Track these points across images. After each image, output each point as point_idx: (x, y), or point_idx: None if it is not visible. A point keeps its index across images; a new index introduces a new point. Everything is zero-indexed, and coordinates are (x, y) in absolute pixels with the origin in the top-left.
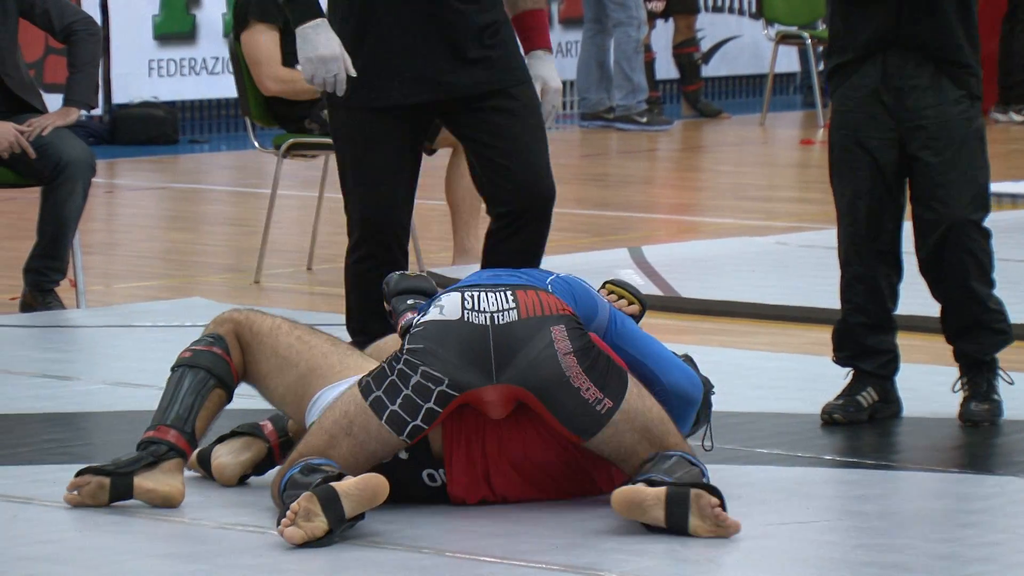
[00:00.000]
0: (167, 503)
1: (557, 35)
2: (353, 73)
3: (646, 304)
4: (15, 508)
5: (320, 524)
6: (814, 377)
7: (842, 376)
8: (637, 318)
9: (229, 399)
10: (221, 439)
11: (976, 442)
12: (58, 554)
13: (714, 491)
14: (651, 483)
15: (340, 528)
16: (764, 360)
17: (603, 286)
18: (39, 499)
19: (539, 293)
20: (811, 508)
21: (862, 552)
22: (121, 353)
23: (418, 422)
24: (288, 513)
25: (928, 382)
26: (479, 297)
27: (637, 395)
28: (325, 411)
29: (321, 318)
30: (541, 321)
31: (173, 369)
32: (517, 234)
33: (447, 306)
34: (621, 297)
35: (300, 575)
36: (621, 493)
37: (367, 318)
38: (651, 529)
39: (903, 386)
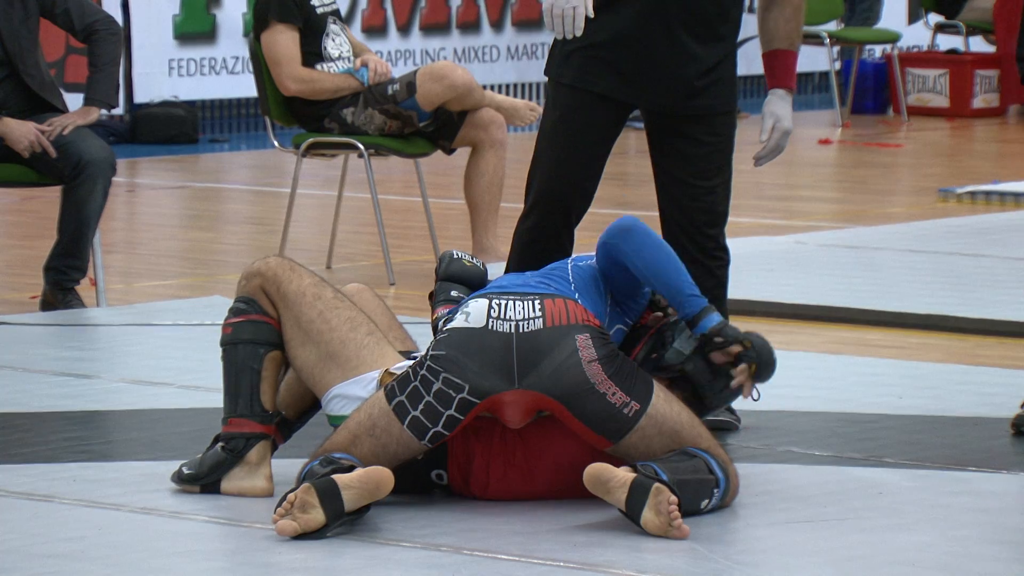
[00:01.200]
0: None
1: None
2: (591, 14)
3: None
4: (35, 506)
5: (316, 516)
6: (832, 376)
7: (858, 374)
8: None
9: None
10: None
11: (992, 440)
12: (78, 552)
13: (675, 492)
14: (634, 469)
15: (338, 521)
16: (782, 359)
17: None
18: (59, 497)
19: (567, 302)
20: (828, 506)
21: (879, 550)
22: (141, 351)
23: (439, 428)
24: (284, 504)
25: (945, 380)
26: (506, 305)
27: (664, 399)
28: (352, 413)
29: None
30: (566, 329)
31: (222, 348)
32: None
33: (473, 313)
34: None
35: (316, 572)
36: (593, 467)
37: None
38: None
39: (919, 385)
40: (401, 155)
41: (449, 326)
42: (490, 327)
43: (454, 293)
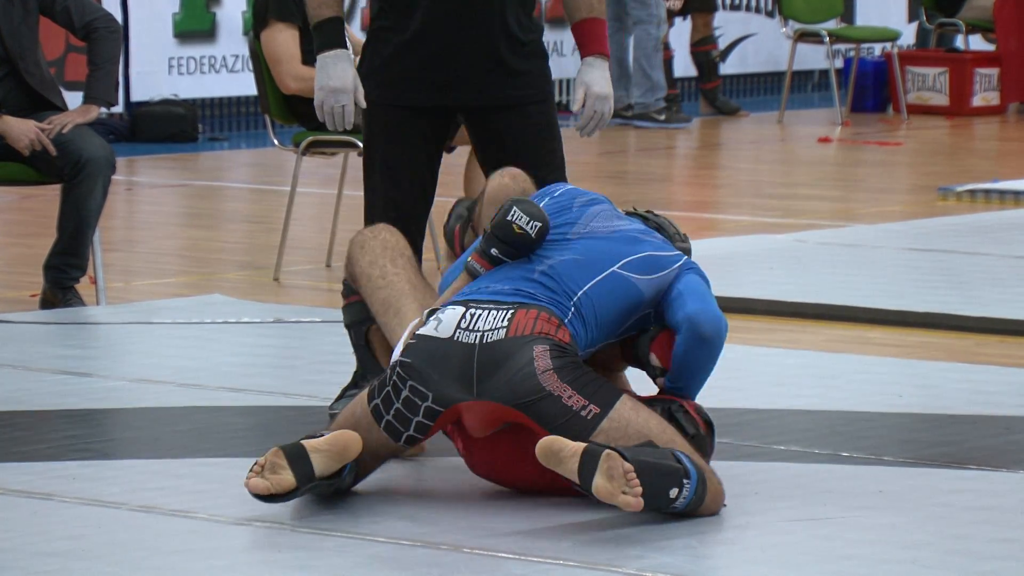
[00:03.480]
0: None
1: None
2: (363, 105)
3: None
4: (35, 504)
5: (287, 477)
6: (831, 374)
7: (858, 372)
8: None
9: None
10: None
11: (992, 439)
12: (78, 550)
13: (628, 460)
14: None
15: (309, 484)
16: (782, 357)
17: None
18: (59, 495)
19: (539, 313)
20: (828, 505)
21: (879, 548)
22: (141, 350)
23: (411, 432)
24: (255, 466)
25: (945, 379)
26: (478, 316)
27: (632, 407)
28: (350, 403)
29: (339, 315)
30: (525, 340)
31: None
32: None
33: (444, 322)
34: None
35: (317, 571)
36: (544, 441)
37: None
38: (671, 516)
39: (919, 383)
40: None
41: (419, 332)
42: (456, 338)
43: (494, 251)
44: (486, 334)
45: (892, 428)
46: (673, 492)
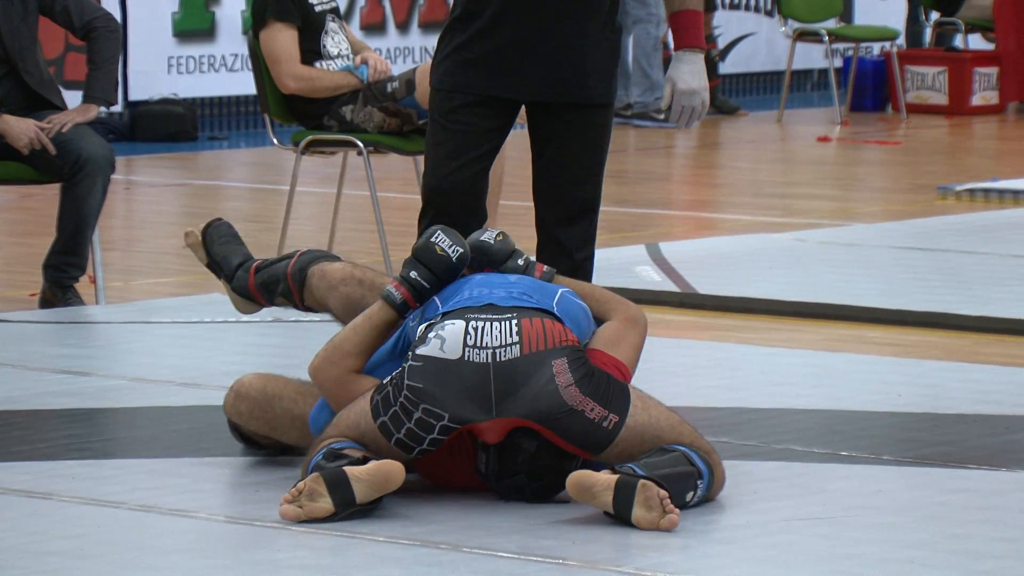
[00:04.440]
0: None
1: None
2: None
3: None
4: (34, 503)
5: (324, 505)
6: (831, 373)
7: (857, 372)
8: None
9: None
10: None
11: (991, 438)
12: (77, 549)
13: (662, 486)
14: (614, 471)
15: (347, 511)
16: (781, 356)
17: None
18: (58, 494)
19: (544, 322)
20: (827, 503)
21: (878, 547)
22: (140, 349)
23: (424, 447)
24: (292, 491)
25: (944, 378)
26: (483, 330)
27: (642, 408)
28: (341, 413)
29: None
30: (543, 356)
31: None
32: (549, 240)
33: (448, 340)
34: None
35: (316, 571)
36: (574, 477)
37: None
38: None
39: (918, 382)
40: (400, 153)
41: (423, 352)
42: (466, 357)
43: (413, 275)
44: (498, 351)
45: (891, 427)
46: (689, 495)
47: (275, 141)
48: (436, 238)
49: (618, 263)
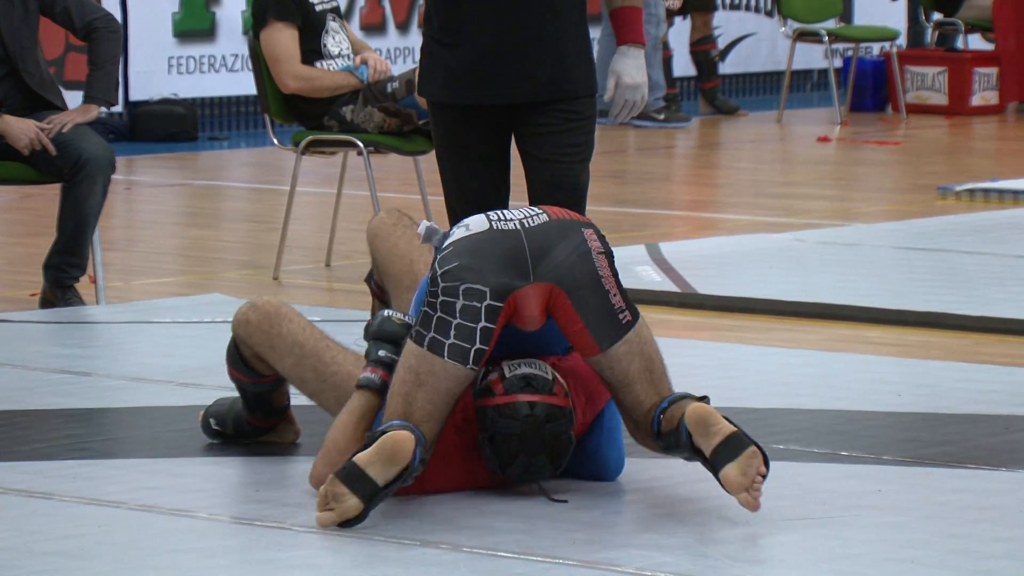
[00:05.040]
0: None
1: None
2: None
3: None
4: (35, 504)
5: (352, 503)
6: (831, 373)
7: (857, 372)
8: None
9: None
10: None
11: (991, 438)
12: (78, 550)
13: (767, 462)
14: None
15: (377, 499)
16: (781, 356)
17: None
18: (58, 494)
19: (565, 210)
20: (827, 504)
21: (878, 548)
22: (140, 349)
23: (478, 345)
24: (318, 502)
25: (944, 378)
26: (505, 212)
27: (647, 327)
28: (393, 378)
29: (339, 314)
30: (572, 223)
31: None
32: None
33: (472, 223)
34: None
35: (317, 570)
36: (702, 407)
37: None
38: (671, 516)
39: (918, 383)
40: (400, 153)
41: (451, 240)
42: (495, 227)
43: (382, 353)
44: (525, 220)
45: (891, 427)
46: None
47: (275, 141)
48: (388, 312)
49: (618, 263)
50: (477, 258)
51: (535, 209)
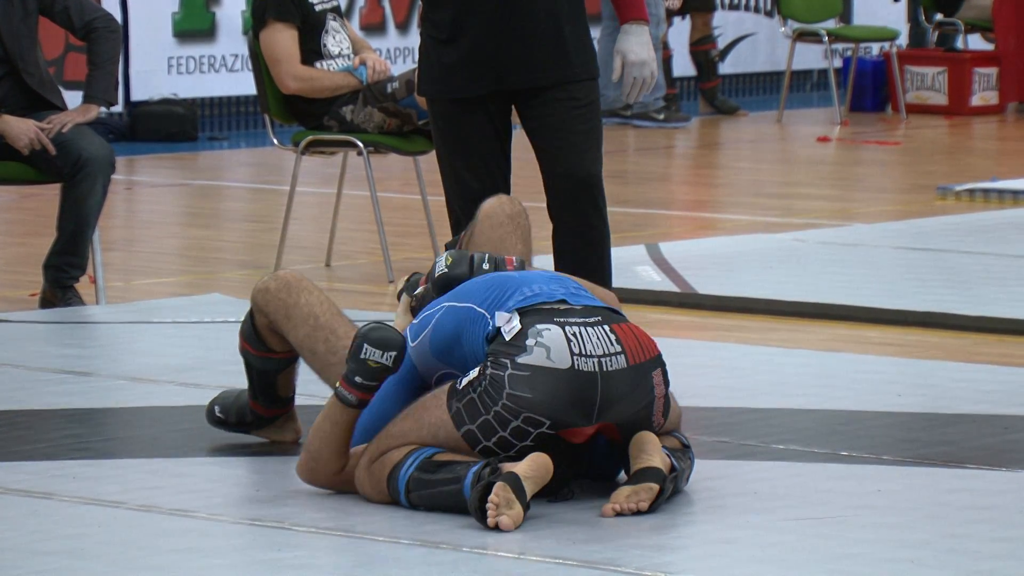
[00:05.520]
0: None
1: None
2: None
3: None
4: (35, 504)
5: (519, 509)
6: (830, 373)
7: (857, 372)
8: None
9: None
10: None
11: (990, 438)
12: (78, 549)
13: (657, 500)
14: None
15: (527, 510)
16: (781, 356)
17: None
18: (59, 494)
19: (632, 328)
20: (827, 504)
21: (877, 547)
22: (140, 349)
23: (510, 453)
24: (490, 506)
25: (944, 378)
26: (583, 336)
27: (673, 406)
28: (404, 420)
29: None
30: (646, 367)
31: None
32: (559, 223)
33: (554, 349)
34: None
35: (316, 570)
36: (647, 435)
37: None
38: (671, 516)
39: (917, 382)
40: (400, 153)
41: (528, 362)
42: (576, 366)
43: (359, 379)
44: (603, 361)
45: (891, 427)
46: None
47: (275, 141)
48: (365, 353)
49: (618, 263)
50: (551, 397)
51: (613, 341)
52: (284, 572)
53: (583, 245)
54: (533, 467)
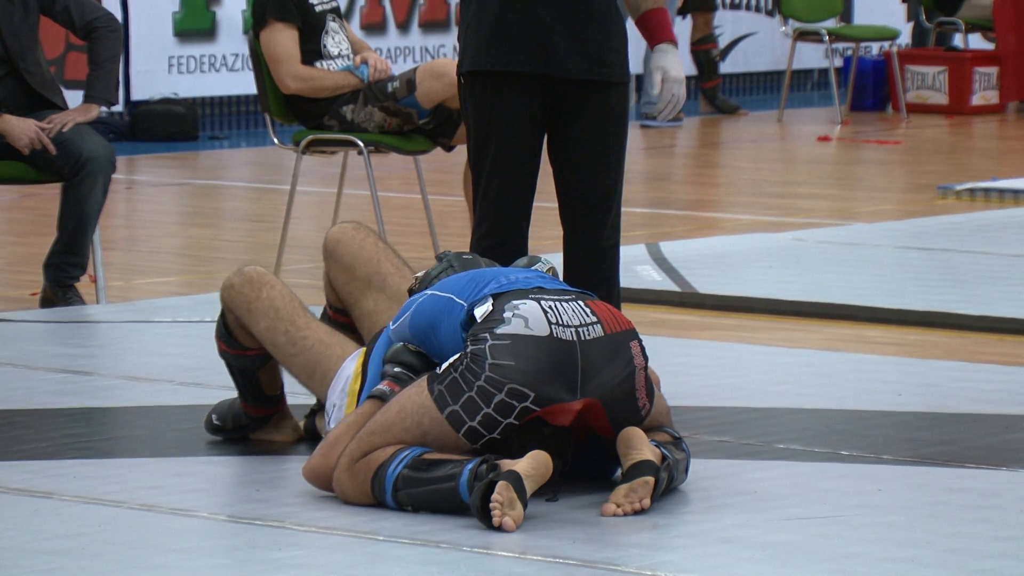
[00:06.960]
0: None
1: None
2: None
3: None
4: (36, 503)
5: (520, 509)
6: (831, 373)
7: (857, 371)
8: None
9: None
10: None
11: (991, 437)
12: (79, 549)
13: (655, 492)
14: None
15: (526, 508)
16: (781, 356)
17: None
18: (59, 494)
19: (605, 304)
20: (828, 503)
21: (878, 547)
22: (141, 348)
23: (494, 434)
24: (494, 506)
25: (944, 378)
26: (559, 310)
27: (658, 396)
28: (389, 409)
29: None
30: (623, 336)
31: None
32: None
33: (532, 318)
34: None
35: (316, 570)
36: (633, 430)
37: None
38: (670, 516)
39: (918, 382)
40: (401, 152)
41: (507, 331)
42: (554, 334)
43: (397, 370)
44: (580, 330)
45: (891, 427)
46: (677, 481)
47: (276, 141)
48: (406, 345)
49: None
50: (533, 364)
51: (588, 313)
52: (284, 572)
53: (596, 256)
54: (533, 465)
